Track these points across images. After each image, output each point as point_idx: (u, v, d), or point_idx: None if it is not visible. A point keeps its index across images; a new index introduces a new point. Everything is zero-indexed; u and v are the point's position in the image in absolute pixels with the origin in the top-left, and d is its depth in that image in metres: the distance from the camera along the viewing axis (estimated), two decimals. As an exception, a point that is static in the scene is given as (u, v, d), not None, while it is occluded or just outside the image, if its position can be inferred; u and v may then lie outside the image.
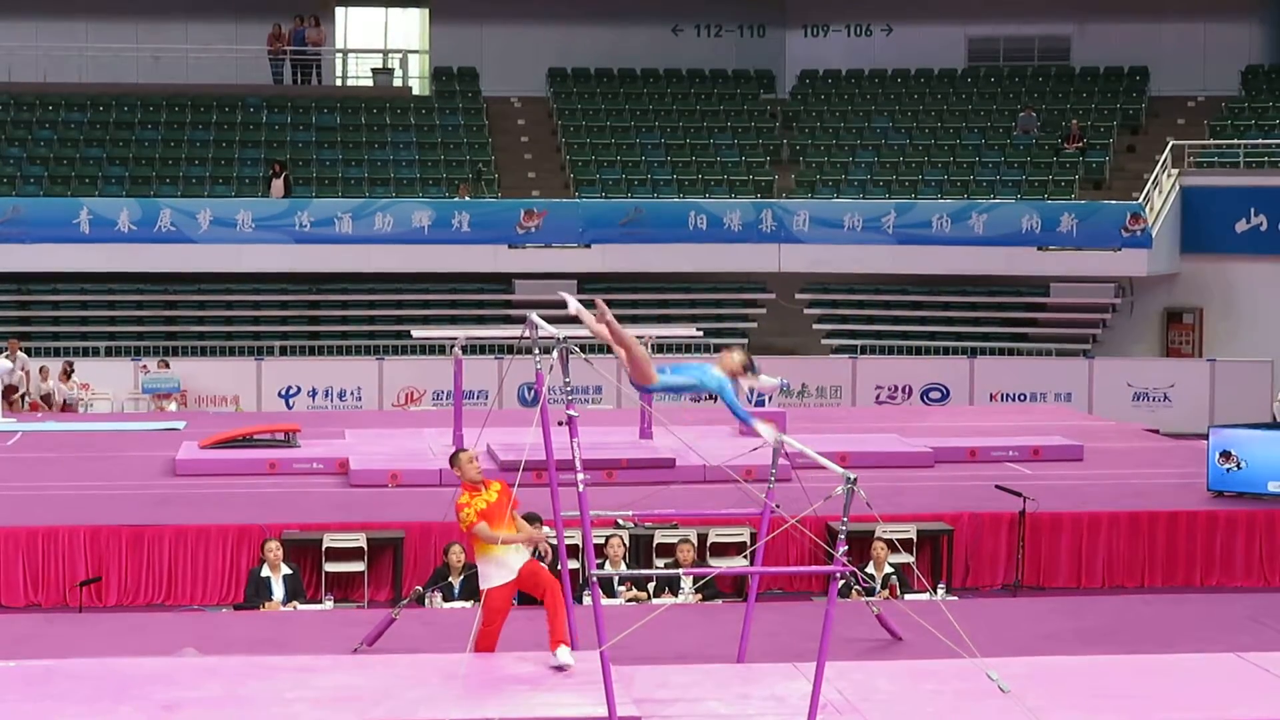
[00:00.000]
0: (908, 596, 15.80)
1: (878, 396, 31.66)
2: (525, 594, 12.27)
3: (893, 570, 16.52)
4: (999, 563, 18.42)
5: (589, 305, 11.69)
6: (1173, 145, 34.45)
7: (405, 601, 14.27)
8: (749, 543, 17.29)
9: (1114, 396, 31.03)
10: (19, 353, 29.65)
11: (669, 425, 17.90)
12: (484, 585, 11.79)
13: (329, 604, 16.34)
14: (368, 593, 17.56)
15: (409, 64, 40.19)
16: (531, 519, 15.01)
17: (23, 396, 29.36)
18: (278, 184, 33.77)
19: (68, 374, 29.82)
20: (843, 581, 13.64)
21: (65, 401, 29.60)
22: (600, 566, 15.97)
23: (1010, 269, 33.54)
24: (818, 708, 10.60)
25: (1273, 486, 19.22)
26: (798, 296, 34.69)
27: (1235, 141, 35.18)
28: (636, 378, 11.45)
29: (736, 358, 11.49)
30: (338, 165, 35.91)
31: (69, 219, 32.28)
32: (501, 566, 11.71)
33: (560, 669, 11.44)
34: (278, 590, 15.92)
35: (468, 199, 33.86)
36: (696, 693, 11.43)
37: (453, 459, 11.98)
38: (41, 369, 29.61)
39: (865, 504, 10.84)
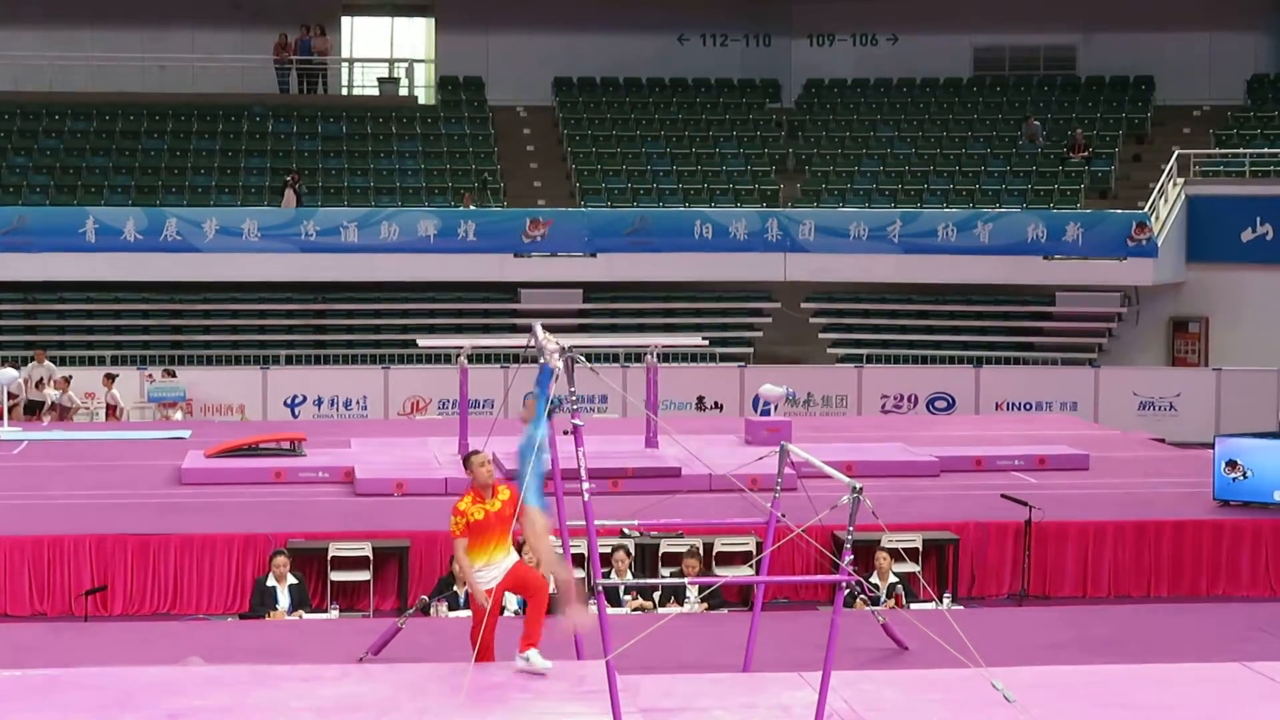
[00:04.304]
0: (913, 606, 15.77)
1: (883, 405, 31.64)
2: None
3: (898, 580, 16.49)
4: (1004, 572, 18.40)
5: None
6: (1178, 154, 34.47)
7: (411, 611, 14.23)
8: (754, 552, 17.27)
9: (1120, 406, 31.00)
10: (45, 362, 29.71)
11: (674, 435, 17.87)
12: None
13: (334, 613, 16.36)
14: (373, 602, 17.56)
15: (415, 73, 40.25)
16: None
17: (28, 402, 29.33)
18: (290, 195, 33.71)
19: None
20: (848, 591, 13.62)
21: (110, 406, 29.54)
22: (606, 576, 15.95)
23: (1016, 278, 33.57)
24: (823, 717, 10.59)
25: (1279, 495, 19.20)
26: (803, 305, 34.70)
27: (1240, 151, 35.18)
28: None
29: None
30: (343, 174, 35.92)
31: (75, 228, 32.32)
32: (488, 568, 11.65)
33: (533, 673, 11.39)
34: (283, 599, 15.92)
35: (473, 208, 33.87)
36: (702, 702, 11.41)
37: (465, 460, 11.96)
38: (63, 378, 29.44)
39: (871, 513, 10.82)
